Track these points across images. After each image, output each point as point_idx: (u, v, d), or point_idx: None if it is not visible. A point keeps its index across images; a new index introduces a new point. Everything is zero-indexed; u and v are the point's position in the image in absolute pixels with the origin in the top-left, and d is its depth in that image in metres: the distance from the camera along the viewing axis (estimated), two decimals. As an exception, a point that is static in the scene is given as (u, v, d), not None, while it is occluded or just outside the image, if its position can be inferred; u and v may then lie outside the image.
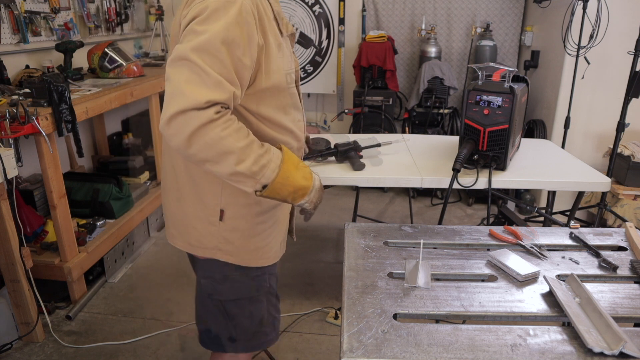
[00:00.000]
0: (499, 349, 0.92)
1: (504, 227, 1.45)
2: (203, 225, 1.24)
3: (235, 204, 1.22)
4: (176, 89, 0.98)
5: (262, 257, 1.31)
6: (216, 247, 1.25)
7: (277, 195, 1.12)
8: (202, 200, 1.22)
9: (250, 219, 1.24)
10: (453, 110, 4.05)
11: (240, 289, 1.32)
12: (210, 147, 0.99)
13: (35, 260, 2.35)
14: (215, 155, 1.01)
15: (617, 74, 3.22)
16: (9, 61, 2.73)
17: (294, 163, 1.15)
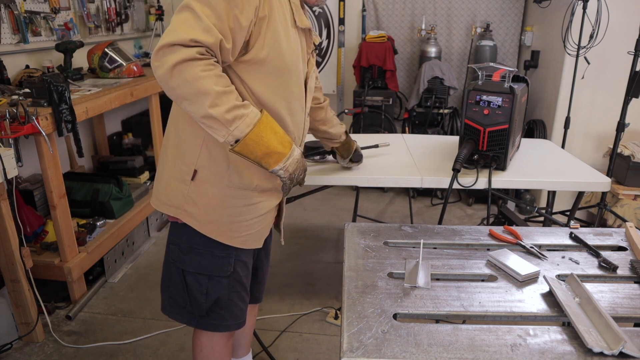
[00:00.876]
0: (499, 349, 0.92)
1: (504, 227, 1.45)
2: (176, 182, 1.28)
3: (209, 168, 1.25)
4: (171, 27, 1.07)
5: (225, 233, 1.30)
6: (181, 206, 1.28)
7: (249, 154, 1.16)
8: (182, 157, 1.27)
9: (222, 189, 1.26)
10: (453, 110, 4.05)
11: (202, 264, 1.33)
12: (189, 83, 1.06)
13: (35, 260, 2.35)
14: (191, 94, 1.08)
15: (617, 74, 3.22)
16: (9, 61, 2.73)
17: (272, 128, 1.18)
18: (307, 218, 3.66)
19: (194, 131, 1.24)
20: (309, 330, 2.37)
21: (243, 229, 1.33)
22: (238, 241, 1.34)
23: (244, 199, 1.29)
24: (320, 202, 3.95)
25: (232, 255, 1.35)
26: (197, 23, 1.06)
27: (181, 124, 1.28)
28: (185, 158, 1.26)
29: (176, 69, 1.05)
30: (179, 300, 1.39)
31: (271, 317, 2.46)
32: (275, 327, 2.38)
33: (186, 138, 1.26)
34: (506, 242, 1.37)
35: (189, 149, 1.26)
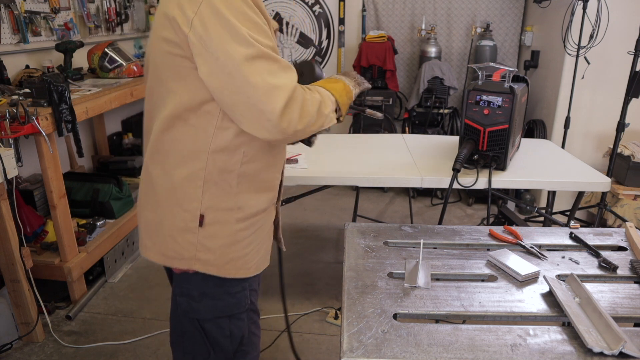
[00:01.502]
0: (499, 349, 0.92)
1: (504, 227, 1.45)
2: (181, 233, 1.17)
3: (216, 208, 1.16)
4: (268, 88, 1.00)
5: (242, 267, 1.23)
6: (194, 256, 1.18)
7: (346, 104, 1.23)
8: (181, 205, 1.15)
9: (231, 225, 1.18)
10: (453, 110, 4.05)
11: (219, 307, 1.24)
12: (310, 108, 1.08)
13: (35, 260, 2.35)
14: (313, 113, 1.09)
15: (617, 74, 3.22)
16: (9, 61, 2.73)
17: (328, 81, 1.24)
18: (307, 218, 3.66)
19: (191, 174, 1.13)
20: (309, 330, 2.37)
21: (254, 255, 1.26)
22: (253, 269, 1.27)
23: (251, 227, 1.23)
24: (320, 202, 3.95)
25: (247, 287, 1.28)
26: (282, 66, 1.04)
27: (170, 167, 1.15)
28: (186, 204, 1.15)
29: (304, 110, 1.06)
30: (198, 353, 1.29)
31: (271, 317, 2.45)
32: (275, 327, 2.38)
33: (182, 182, 1.14)
34: (506, 242, 1.37)
35: (188, 193, 1.14)
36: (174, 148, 1.13)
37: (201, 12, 0.99)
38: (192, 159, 1.12)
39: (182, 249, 1.18)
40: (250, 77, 0.99)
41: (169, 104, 1.10)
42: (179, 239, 1.17)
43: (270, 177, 1.24)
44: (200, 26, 0.99)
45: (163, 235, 1.19)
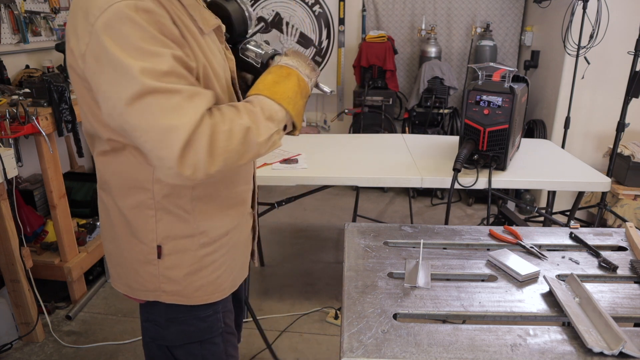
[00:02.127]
0: (499, 349, 0.92)
1: (504, 227, 1.45)
2: (141, 265, 1.07)
3: (173, 237, 1.05)
4: (162, 129, 0.83)
5: (215, 291, 1.13)
6: (158, 288, 1.08)
7: (300, 110, 1.05)
8: (137, 237, 1.05)
9: (195, 252, 1.07)
10: (453, 110, 4.05)
11: (188, 333, 1.14)
12: (229, 144, 0.88)
13: (35, 260, 2.35)
14: (237, 145, 0.89)
15: (617, 74, 3.22)
16: (9, 61, 2.73)
17: (271, 83, 1.01)
18: (307, 218, 3.66)
19: (140, 204, 1.02)
20: (309, 330, 2.37)
21: (228, 275, 1.16)
22: (228, 289, 1.17)
23: (221, 249, 1.12)
24: (320, 202, 3.95)
25: (219, 309, 1.16)
26: (182, 98, 0.84)
27: (118, 198, 1.04)
28: (141, 236, 1.05)
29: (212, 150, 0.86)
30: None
31: (271, 317, 2.46)
32: (275, 327, 2.38)
33: (132, 213, 1.04)
34: (506, 242, 1.37)
35: (141, 225, 1.04)
36: (116, 178, 1.03)
37: (92, 47, 0.84)
38: (136, 189, 1.01)
39: (146, 281, 1.09)
40: (138, 121, 0.83)
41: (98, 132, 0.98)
42: (140, 272, 1.08)
43: (234, 193, 1.12)
44: (91, 63, 0.85)
45: (126, 268, 1.11)
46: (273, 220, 3.56)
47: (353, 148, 2.48)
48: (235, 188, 1.13)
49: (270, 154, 2.35)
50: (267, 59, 1.11)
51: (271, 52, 1.12)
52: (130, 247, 1.07)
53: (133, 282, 1.11)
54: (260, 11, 4.34)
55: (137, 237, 1.05)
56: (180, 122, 0.83)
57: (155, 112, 0.82)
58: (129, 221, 1.05)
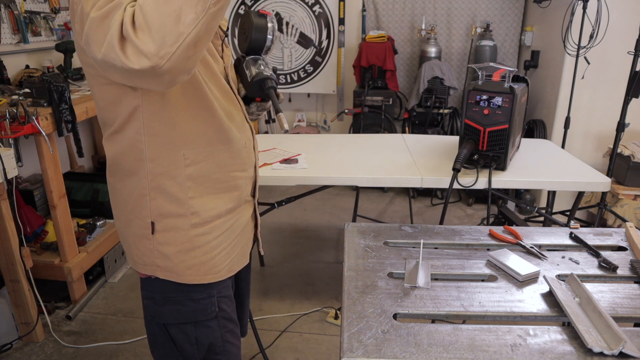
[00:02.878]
0: (499, 349, 0.92)
1: (504, 227, 1.45)
2: (139, 240, 1.15)
3: (166, 215, 1.11)
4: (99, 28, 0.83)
5: (209, 272, 1.17)
6: (153, 263, 1.15)
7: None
8: (134, 213, 1.13)
9: (186, 231, 1.12)
10: (453, 110, 4.05)
11: (182, 312, 1.19)
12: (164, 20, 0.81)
13: (35, 260, 2.35)
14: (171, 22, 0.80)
15: (617, 74, 3.22)
16: (9, 61, 2.73)
17: None
18: (307, 218, 3.66)
19: (136, 184, 1.10)
20: (309, 330, 2.37)
21: (224, 257, 1.19)
22: (224, 272, 1.21)
23: (214, 230, 1.16)
24: (320, 202, 3.95)
25: (214, 293, 1.20)
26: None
27: (119, 179, 1.14)
28: (137, 212, 1.13)
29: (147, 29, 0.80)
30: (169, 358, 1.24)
31: (271, 317, 2.46)
32: (275, 327, 2.38)
33: (130, 192, 1.12)
34: (506, 242, 1.37)
35: (136, 202, 1.12)
36: (117, 161, 1.12)
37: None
38: (132, 171, 1.10)
39: (143, 255, 1.16)
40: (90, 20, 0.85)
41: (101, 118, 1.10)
42: (139, 246, 1.16)
43: (226, 177, 1.16)
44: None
45: (128, 242, 1.19)
46: (273, 220, 3.56)
47: (353, 148, 2.48)
48: (229, 173, 1.16)
49: (271, 154, 2.35)
50: (258, 79, 1.13)
51: (263, 76, 1.12)
52: (129, 223, 1.15)
53: (135, 256, 1.18)
54: (260, 11, 4.32)
55: (133, 214, 1.13)
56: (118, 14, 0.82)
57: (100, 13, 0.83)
58: (127, 200, 1.13)
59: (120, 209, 1.18)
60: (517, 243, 1.36)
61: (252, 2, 4.31)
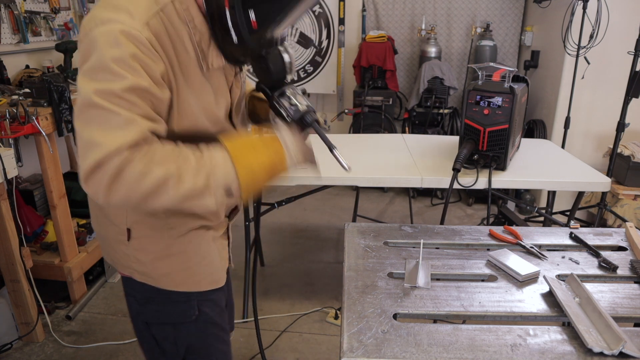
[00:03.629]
0: (499, 349, 0.92)
1: (504, 227, 1.45)
2: (116, 244, 1.14)
3: (142, 223, 1.09)
4: (84, 141, 0.87)
5: (184, 282, 1.15)
6: (130, 266, 1.14)
7: (257, 188, 0.98)
8: (109, 218, 1.12)
9: (161, 241, 1.11)
10: (453, 110, 4.05)
11: (163, 313, 1.18)
12: (138, 187, 0.86)
13: (35, 260, 2.35)
14: (150, 194, 0.87)
15: (617, 74, 3.22)
16: (9, 61, 2.73)
17: (248, 146, 0.97)
18: (307, 218, 3.66)
19: None
20: (309, 330, 2.37)
21: (203, 268, 1.17)
22: (205, 284, 1.19)
23: (191, 241, 1.14)
24: (320, 202, 3.95)
25: (194, 298, 1.18)
26: (117, 122, 0.85)
27: None
28: (113, 218, 1.11)
29: (114, 184, 0.85)
30: (153, 355, 1.24)
31: (271, 317, 2.46)
32: (275, 327, 2.38)
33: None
34: (506, 242, 1.37)
35: (113, 211, 1.10)
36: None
37: (82, 45, 0.91)
38: None
39: (120, 257, 1.15)
40: (78, 126, 0.88)
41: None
42: (116, 248, 1.15)
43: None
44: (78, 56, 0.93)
45: (106, 242, 1.19)
46: (273, 220, 3.56)
47: (353, 148, 2.48)
48: None
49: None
50: (297, 118, 1.08)
51: (303, 110, 1.08)
52: (106, 226, 1.15)
53: (113, 257, 1.19)
54: (260, 11, 4.33)
55: (109, 219, 1.12)
56: (103, 141, 0.84)
57: (90, 123, 0.87)
58: (102, 207, 1.12)
59: (96, 212, 1.17)
60: (517, 243, 1.36)
61: (252, 2, 4.30)
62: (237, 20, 0.94)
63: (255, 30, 0.94)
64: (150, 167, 0.86)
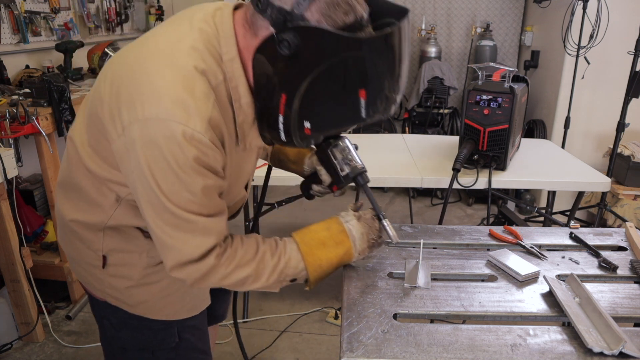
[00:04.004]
0: (499, 349, 0.92)
1: (504, 227, 1.45)
2: (89, 267, 1.09)
3: (119, 251, 1.05)
4: (165, 242, 0.91)
5: (161, 311, 1.11)
6: (104, 291, 1.10)
7: (326, 276, 1.11)
8: (83, 242, 1.07)
9: (138, 270, 1.06)
10: (453, 110, 4.05)
11: (140, 339, 1.13)
12: (221, 283, 0.98)
13: (35, 260, 2.35)
14: (229, 286, 1.00)
15: (617, 74, 3.22)
16: (9, 61, 2.73)
17: (318, 242, 1.07)
18: (307, 218, 3.66)
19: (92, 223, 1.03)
20: (309, 330, 2.36)
21: (181, 296, 1.12)
22: (184, 312, 1.14)
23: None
24: (320, 202, 3.94)
25: (174, 325, 1.13)
26: (193, 229, 0.89)
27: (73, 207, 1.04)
28: (89, 244, 1.06)
29: (201, 282, 0.96)
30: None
31: (271, 317, 2.46)
32: (275, 327, 2.38)
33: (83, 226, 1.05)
34: (506, 242, 1.37)
35: (88, 237, 1.05)
36: (78, 190, 1.02)
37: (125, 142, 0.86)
38: (95, 209, 1.01)
39: (94, 280, 1.11)
40: (154, 225, 0.90)
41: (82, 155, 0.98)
42: (90, 271, 1.10)
43: None
44: (121, 150, 0.88)
45: (78, 264, 1.13)
46: (273, 220, 3.55)
47: (353, 148, 2.48)
48: None
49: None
50: (353, 175, 1.11)
51: (359, 170, 1.11)
52: (80, 250, 1.09)
53: (85, 277, 1.13)
54: (260, 11, 4.33)
55: (83, 242, 1.07)
56: (182, 247, 0.90)
57: (166, 225, 0.89)
58: (77, 230, 1.06)
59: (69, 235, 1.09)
60: (517, 243, 1.36)
61: (252, 2, 4.31)
62: (290, 128, 0.90)
63: (306, 135, 0.92)
64: (232, 270, 0.97)
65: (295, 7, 0.81)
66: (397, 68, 0.86)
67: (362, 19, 0.83)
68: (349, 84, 0.84)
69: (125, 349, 1.15)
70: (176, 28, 0.91)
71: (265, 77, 0.87)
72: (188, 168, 0.84)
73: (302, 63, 0.83)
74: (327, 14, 0.80)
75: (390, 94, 0.87)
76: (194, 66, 0.85)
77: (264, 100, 0.91)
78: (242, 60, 0.90)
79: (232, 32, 0.89)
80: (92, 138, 0.96)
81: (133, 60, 0.89)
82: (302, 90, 0.85)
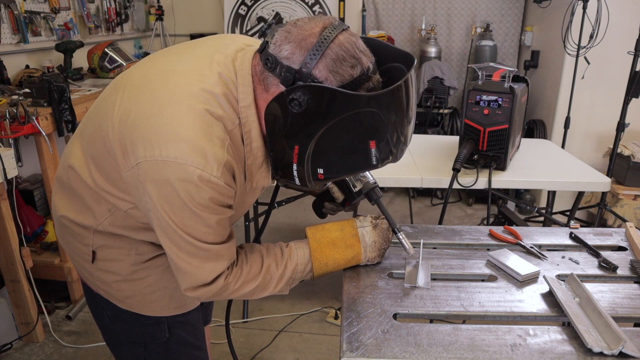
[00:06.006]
0: (499, 348, 0.92)
1: (504, 227, 1.45)
2: (81, 260, 1.12)
3: (108, 247, 1.07)
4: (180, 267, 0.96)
5: (149, 307, 1.12)
6: (95, 284, 1.13)
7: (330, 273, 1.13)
8: (75, 236, 1.09)
9: (126, 266, 1.08)
10: (453, 110, 4.05)
11: (132, 333, 1.16)
12: (230, 297, 1.04)
13: (35, 260, 2.35)
14: (239, 298, 1.06)
15: (617, 74, 3.22)
16: (9, 61, 2.73)
17: (328, 241, 1.10)
18: (307, 218, 3.66)
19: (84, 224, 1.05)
20: (309, 330, 2.37)
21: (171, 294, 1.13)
22: (172, 309, 1.15)
23: (157, 268, 1.11)
24: (320, 202, 3.95)
25: (163, 320, 1.14)
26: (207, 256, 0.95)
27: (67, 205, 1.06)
28: (80, 239, 1.08)
29: (213, 299, 1.03)
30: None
31: (271, 317, 2.46)
32: (274, 327, 2.38)
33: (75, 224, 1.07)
34: (506, 242, 1.37)
35: (79, 232, 1.07)
36: (75, 190, 1.04)
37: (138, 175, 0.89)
38: (87, 213, 1.03)
39: (87, 273, 1.13)
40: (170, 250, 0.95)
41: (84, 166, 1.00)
42: (82, 264, 1.13)
43: None
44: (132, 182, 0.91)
45: (74, 258, 1.15)
46: (273, 220, 3.56)
47: (353, 148, 2.48)
48: None
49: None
50: (366, 191, 1.16)
51: (371, 185, 1.17)
52: (71, 243, 1.12)
53: (81, 270, 1.16)
54: (260, 11, 4.34)
55: (76, 239, 1.09)
56: (196, 273, 0.96)
57: (181, 251, 0.94)
58: (69, 226, 1.08)
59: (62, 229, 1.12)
60: (517, 243, 1.36)
61: (252, 2, 4.31)
62: (304, 175, 0.94)
63: (320, 180, 0.95)
64: (240, 286, 1.02)
65: (303, 66, 0.84)
66: (406, 116, 0.89)
67: (368, 70, 0.86)
68: (359, 135, 0.88)
69: (120, 341, 1.21)
70: (195, 68, 0.93)
71: (278, 129, 0.91)
72: (204, 207, 0.89)
73: (313, 118, 0.86)
74: (334, 70, 0.84)
75: (400, 140, 0.91)
76: (212, 112, 0.88)
77: (277, 151, 0.94)
78: (256, 107, 0.93)
79: (250, 80, 0.92)
80: (95, 152, 0.98)
81: (151, 99, 0.90)
82: (313, 143, 0.89)
